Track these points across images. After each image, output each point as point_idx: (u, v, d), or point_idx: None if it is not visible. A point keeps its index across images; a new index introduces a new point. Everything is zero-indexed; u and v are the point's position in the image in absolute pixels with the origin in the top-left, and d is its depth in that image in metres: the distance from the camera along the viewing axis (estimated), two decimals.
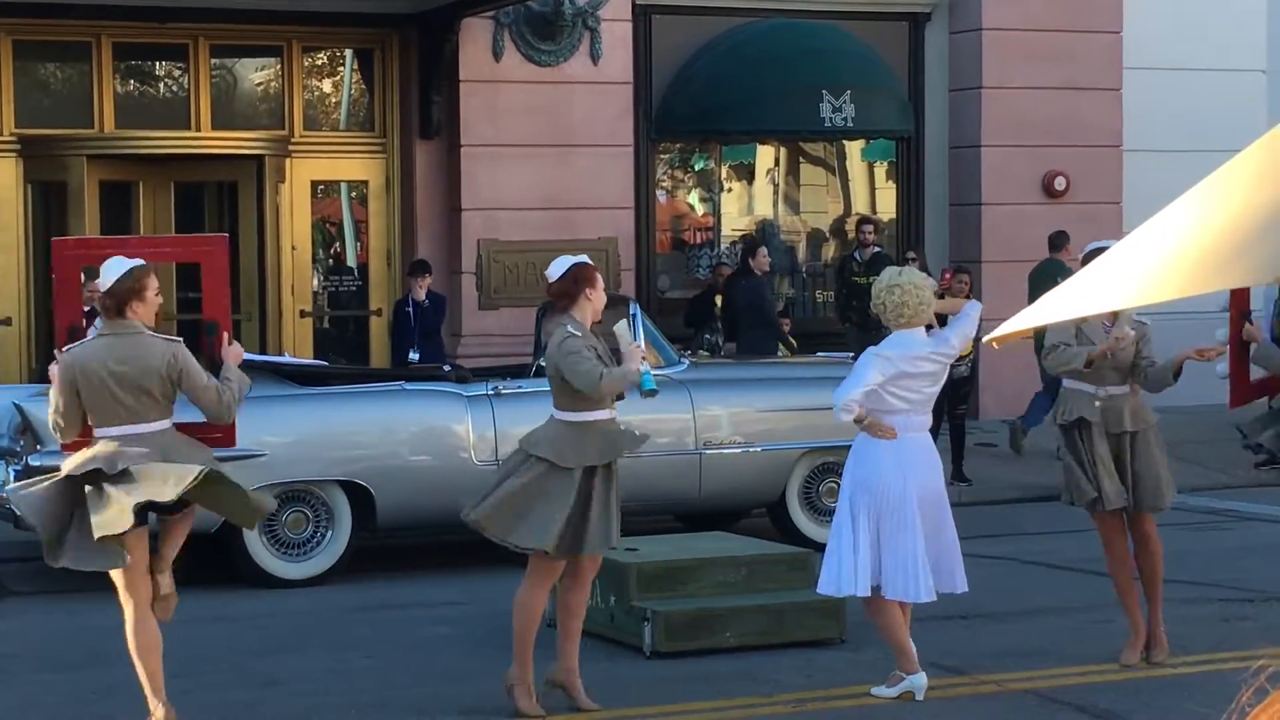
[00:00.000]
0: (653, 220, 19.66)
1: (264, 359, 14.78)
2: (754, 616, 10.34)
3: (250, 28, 17.98)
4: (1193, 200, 3.64)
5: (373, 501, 12.66)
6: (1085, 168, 20.10)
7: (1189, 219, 3.49)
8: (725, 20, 19.47)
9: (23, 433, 12.41)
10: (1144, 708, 8.99)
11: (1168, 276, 3.36)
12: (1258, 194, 3.33)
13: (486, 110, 18.14)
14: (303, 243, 18.40)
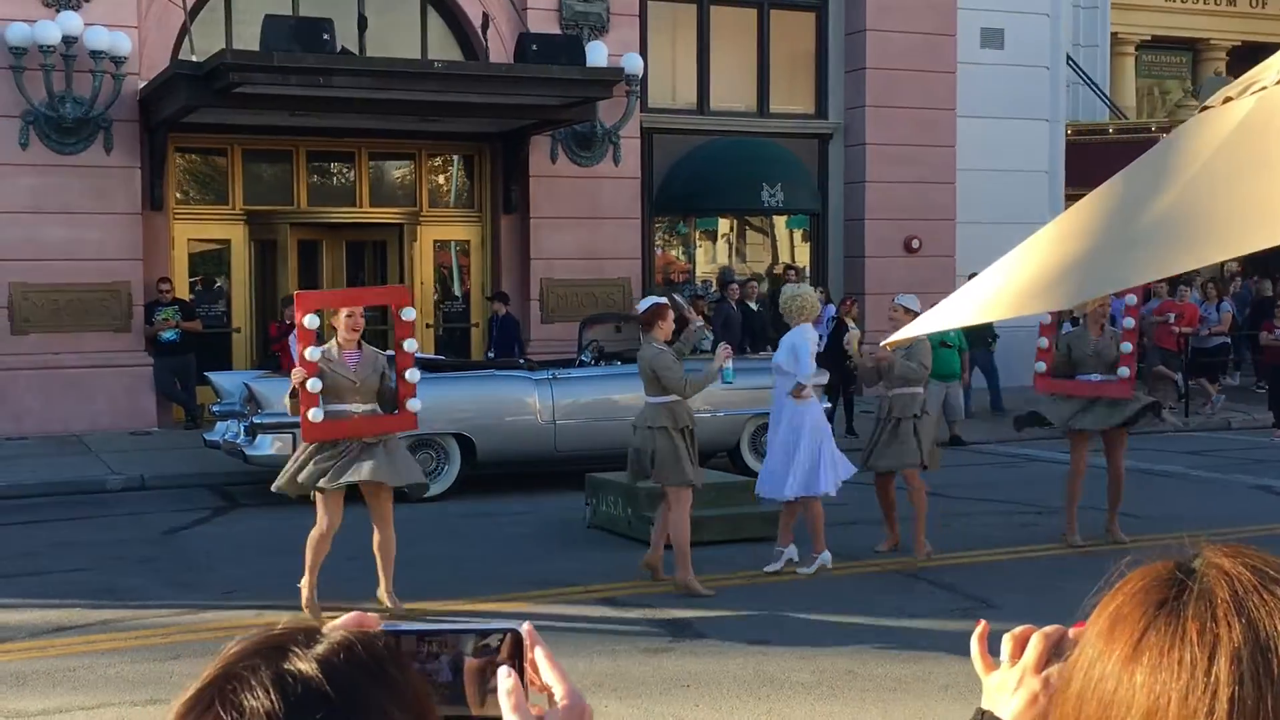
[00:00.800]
0: (652, 266, 19.61)
1: None
2: (720, 523, 10.30)
3: (394, 141, 17.93)
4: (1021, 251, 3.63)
5: (474, 447, 12.62)
6: (931, 234, 20.05)
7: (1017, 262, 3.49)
8: (700, 137, 19.42)
9: (249, 401, 12.39)
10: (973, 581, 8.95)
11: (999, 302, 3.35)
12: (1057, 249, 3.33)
13: (546, 195, 18.09)
14: (428, 281, 18.35)
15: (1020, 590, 8.66)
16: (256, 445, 12.10)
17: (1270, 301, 19.78)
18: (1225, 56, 30.20)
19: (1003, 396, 18.05)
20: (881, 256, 19.87)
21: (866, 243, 19.92)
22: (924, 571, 9.18)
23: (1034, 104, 21.29)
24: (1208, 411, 18.82)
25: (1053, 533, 10.63)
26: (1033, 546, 9.96)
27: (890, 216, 19.88)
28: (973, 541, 10.33)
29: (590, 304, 17.94)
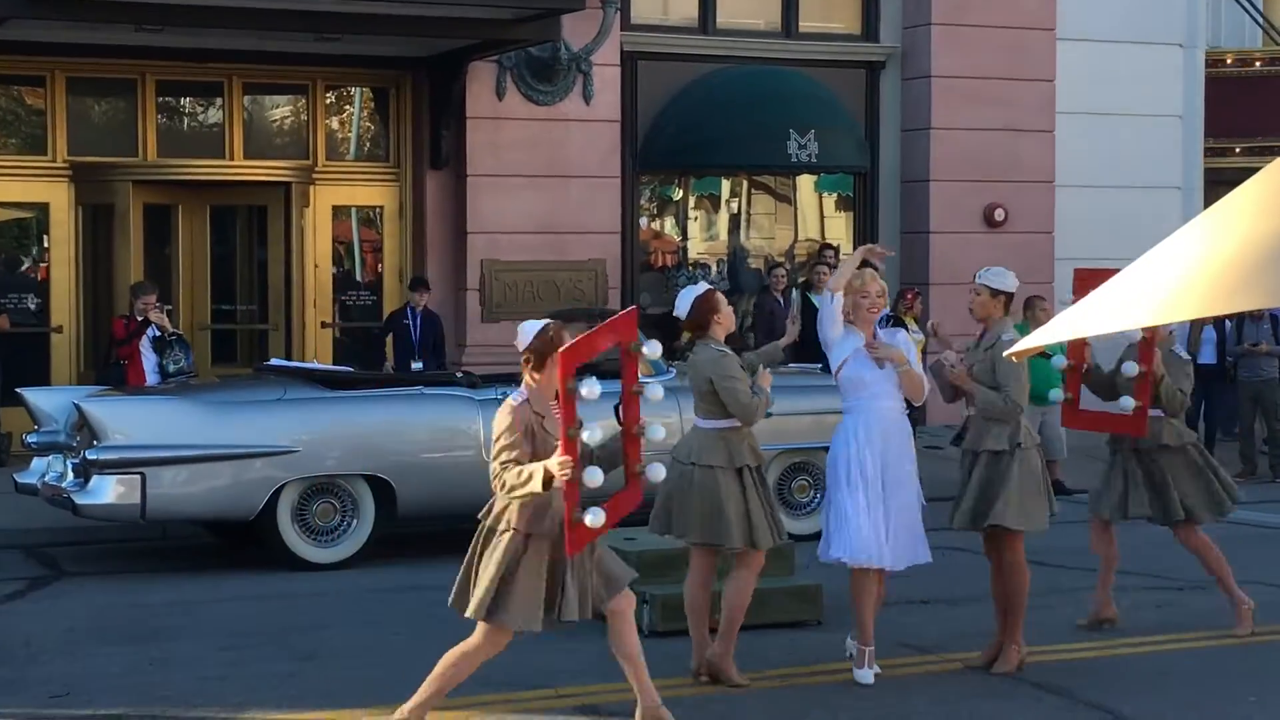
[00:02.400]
0: (636, 244, 19.64)
1: (294, 365, 14.76)
2: None
3: (278, 68, 17.93)
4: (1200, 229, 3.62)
5: (393, 493, 12.61)
6: (1021, 201, 20.14)
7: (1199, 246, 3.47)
8: (703, 65, 19.46)
9: (79, 429, 12.34)
10: (1091, 685, 8.97)
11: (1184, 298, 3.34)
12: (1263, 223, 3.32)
13: (489, 144, 18.10)
14: (324, 261, 18.34)
15: (1156, 694, 8.68)
16: (90, 490, 12.04)
17: None
18: None
19: None
20: (952, 231, 19.93)
21: (932, 213, 19.99)
22: (1026, 671, 9.19)
23: (1163, 24, 21.40)
24: None
25: (1199, 616, 10.66)
26: (1172, 636, 9.99)
27: (965, 177, 19.95)
28: (1088, 629, 10.35)
29: (550, 296, 17.93)
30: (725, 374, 8.75)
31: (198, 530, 13.75)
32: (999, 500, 9.09)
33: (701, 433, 8.84)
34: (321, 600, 11.33)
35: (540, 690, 8.80)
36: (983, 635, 9.55)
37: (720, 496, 8.70)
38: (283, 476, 12.29)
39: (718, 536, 8.75)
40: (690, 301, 8.92)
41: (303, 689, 8.80)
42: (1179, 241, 3.73)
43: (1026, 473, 9.17)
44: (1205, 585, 11.70)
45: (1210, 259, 3.49)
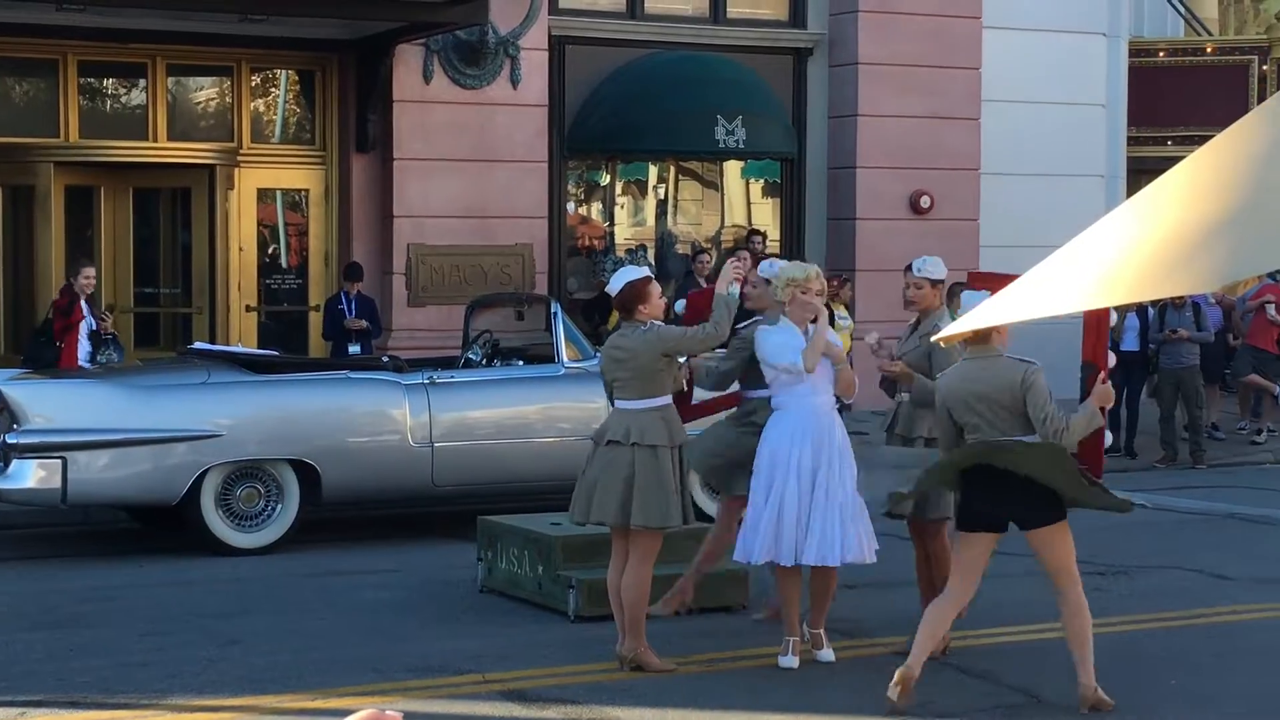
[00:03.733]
0: (563, 229, 19.59)
1: (219, 348, 14.63)
2: (667, 585, 10.27)
3: (203, 49, 17.75)
4: (1127, 215, 3.62)
5: (319, 478, 12.53)
6: (947, 188, 20.20)
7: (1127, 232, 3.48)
8: (631, 51, 19.42)
9: (0, 412, 12.19)
10: (1015, 669, 9.01)
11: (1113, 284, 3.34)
12: (1190, 210, 3.32)
13: (416, 128, 18.00)
14: (249, 244, 18.19)
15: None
16: (10, 475, 11.92)
17: None
18: None
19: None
20: (878, 218, 19.98)
21: (859, 200, 20.02)
22: (952, 655, 9.22)
23: (1087, 13, 21.51)
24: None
25: (1126, 600, 10.74)
26: (1097, 620, 10.02)
27: (891, 164, 20.00)
28: (1012, 614, 10.38)
29: (478, 280, 17.87)
30: (668, 334, 8.77)
31: (120, 515, 13.62)
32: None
33: (635, 414, 8.78)
34: (245, 585, 11.25)
35: (467, 675, 8.77)
36: (911, 620, 9.57)
37: (662, 478, 8.68)
38: (206, 461, 12.19)
39: (663, 519, 8.71)
40: (623, 282, 8.90)
41: (225, 674, 8.73)
42: (1106, 229, 3.74)
43: None
44: (1129, 571, 11.80)
45: (1138, 246, 3.49)
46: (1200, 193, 3.49)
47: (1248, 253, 3.21)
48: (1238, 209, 3.32)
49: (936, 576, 9.30)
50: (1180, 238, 3.31)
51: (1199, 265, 3.23)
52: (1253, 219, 3.24)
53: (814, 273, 9.05)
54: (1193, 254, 3.26)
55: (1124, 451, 17.87)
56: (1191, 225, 3.36)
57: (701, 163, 20.68)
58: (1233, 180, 3.47)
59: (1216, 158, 3.64)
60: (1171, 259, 3.30)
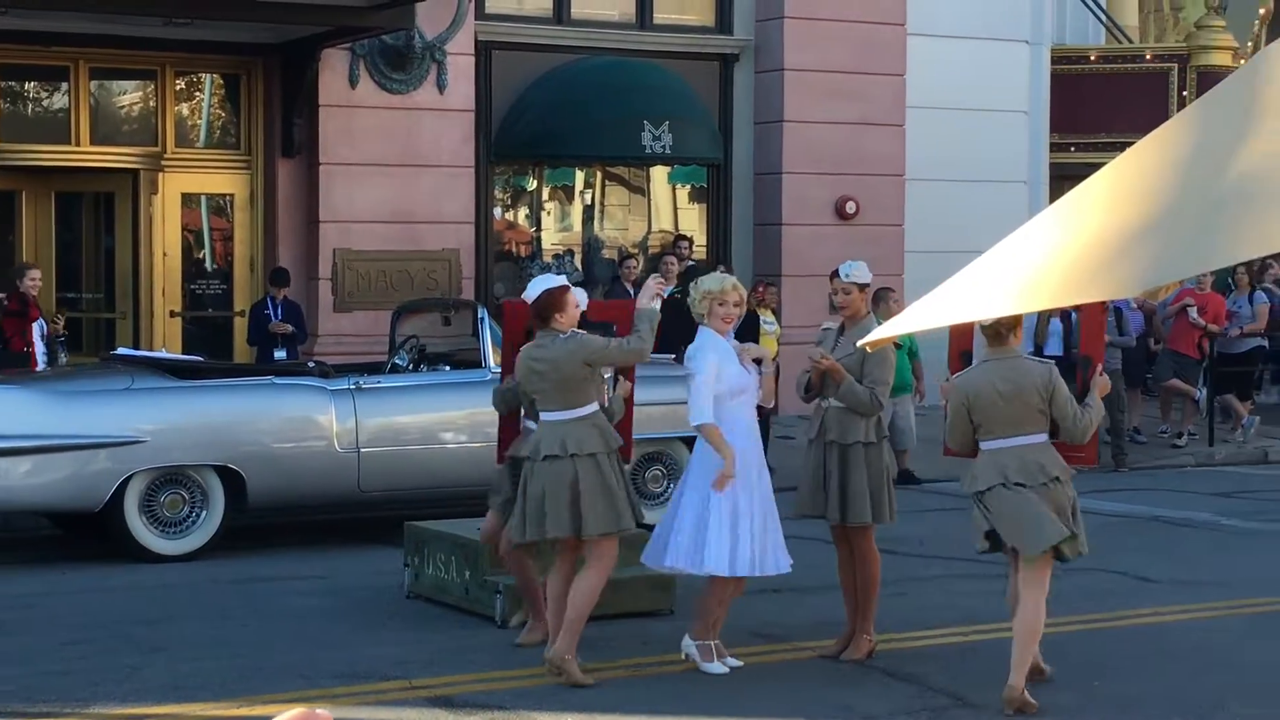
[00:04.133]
0: (490, 234, 19.56)
1: (142, 354, 14.53)
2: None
3: (127, 52, 17.62)
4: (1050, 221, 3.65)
5: (244, 484, 12.45)
6: (872, 194, 20.30)
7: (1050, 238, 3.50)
8: (558, 56, 19.42)
9: None
10: (940, 671, 9.05)
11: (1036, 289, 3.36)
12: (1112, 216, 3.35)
13: (342, 132, 17.94)
14: (173, 249, 18.06)
15: (1003, 680, 8.76)
16: None
17: None
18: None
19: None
20: (804, 224, 20.05)
21: (784, 205, 20.09)
22: (878, 658, 9.25)
23: (1010, 21, 21.68)
24: (1238, 438, 19.35)
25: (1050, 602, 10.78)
26: None
27: (817, 170, 20.07)
28: (938, 616, 10.44)
29: (404, 285, 17.83)
30: (588, 344, 8.74)
31: (42, 522, 13.49)
32: (854, 494, 9.16)
33: (548, 426, 8.78)
34: (169, 592, 11.16)
35: (394, 681, 8.73)
36: (834, 624, 9.61)
37: (609, 484, 8.68)
38: (130, 467, 12.09)
39: (616, 524, 8.71)
40: (540, 290, 8.88)
41: (149, 682, 8.66)
42: (1029, 234, 3.76)
43: (878, 466, 9.25)
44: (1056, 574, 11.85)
45: (1061, 252, 3.52)
46: (1122, 199, 3.52)
47: (1169, 259, 3.24)
48: (1159, 216, 3.35)
49: (860, 579, 9.34)
50: (1103, 244, 3.34)
51: (1121, 271, 3.26)
52: (1173, 226, 3.27)
53: (730, 284, 9.04)
54: (1115, 260, 3.29)
55: None
56: (1114, 231, 3.39)
57: (628, 168, 20.70)
58: (1154, 187, 3.50)
59: (1138, 164, 3.67)
60: (1094, 265, 3.33)
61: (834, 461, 9.23)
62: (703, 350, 8.94)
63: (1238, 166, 3.23)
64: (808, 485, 9.39)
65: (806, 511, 9.43)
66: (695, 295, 9.07)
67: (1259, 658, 9.51)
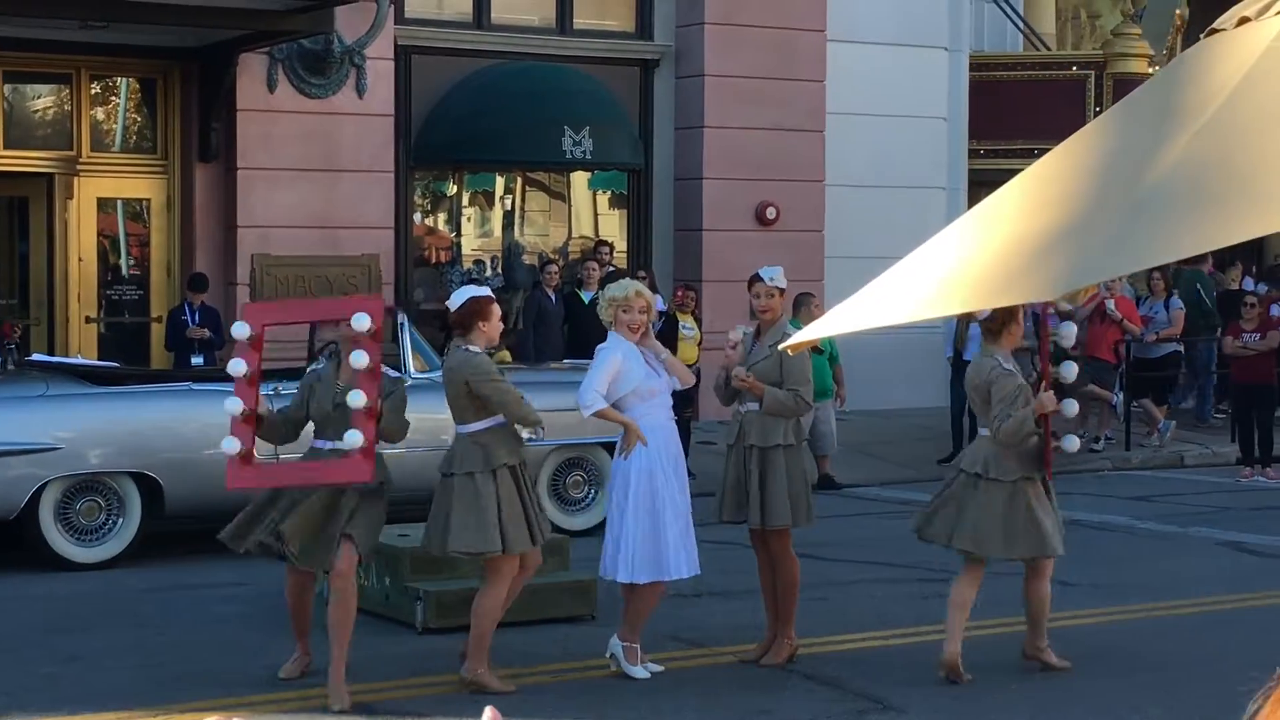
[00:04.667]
0: (410, 239, 19.49)
1: (58, 360, 14.38)
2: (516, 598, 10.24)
3: (41, 56, 17.44)
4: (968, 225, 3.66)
5: (161, 491, 12.34)
6: (792, 199, 20.35)
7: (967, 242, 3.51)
8: (477, 61, 19.37)
9: None
10: (862, 675, 9.09)
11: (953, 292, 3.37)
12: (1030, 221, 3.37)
13: (261, 137, 17.82)
14: (89, 255, 17.89)
15: (926, 684, 8.82)
16: None
17: (1236, 296, 20.62)
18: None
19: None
20: (725, 229, 20.09)
21: (705, 210, 20.11)
22: (800, 662, 9.28)
23: (928, 27, 21.81)
24: (1154, 443, 19.54)
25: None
26: (942, 626, 10.14)
27: (737, 175, 20.11)
28: (859, 620, 10.49)
29: (323, 290, 17.70)
30: (482, 374, 8.66)
31: None
32: (772, 497, 9.18)
33: (459, 439, 8.78)
34: (86, 600, 11.05)
35: (314, 689, 8.68)
36: (755, 628, 9.63)
37: (479, 504, 8.62)
38: (44, 474, 11.97)
39: (481, 544, 8.65)
40: (463, 300, 8.84)
41: (65, 692, 8.58)
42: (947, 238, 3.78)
43: (798, 469, 9.29)
44: None
45: (978, 255, 3.54)
46: (1039, 204, 3.55)
47: (1088, 262, 3.26)
48: (1077, 219, 3.37)
49: (779, 583, 9.36)
50: (1020, 247, 3.36)
51: (1039, 274, 3.28)
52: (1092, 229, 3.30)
53: (634, 290, 9.05)
54: (1032, 263, 3.31)
55: None
56: (1031, 235, 3.41)
57: (548, 174, 20.68)
58: (1071, 191, 3.53)
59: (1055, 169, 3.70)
60: (1012, 267, 3.35)
61: (754, 465, 9.25)
62: (607, 349, 8.98)
63: (1156, 170, 3.25)
64: (729, 491, 9.41)
65: (728, 517, 9.45)
66: (602, 303, 9.11)
67: (1176, 659, 9.60)
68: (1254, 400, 18.12)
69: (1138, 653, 9.76)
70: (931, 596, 11.28)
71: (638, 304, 8.97)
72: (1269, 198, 3.10)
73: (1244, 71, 3.41)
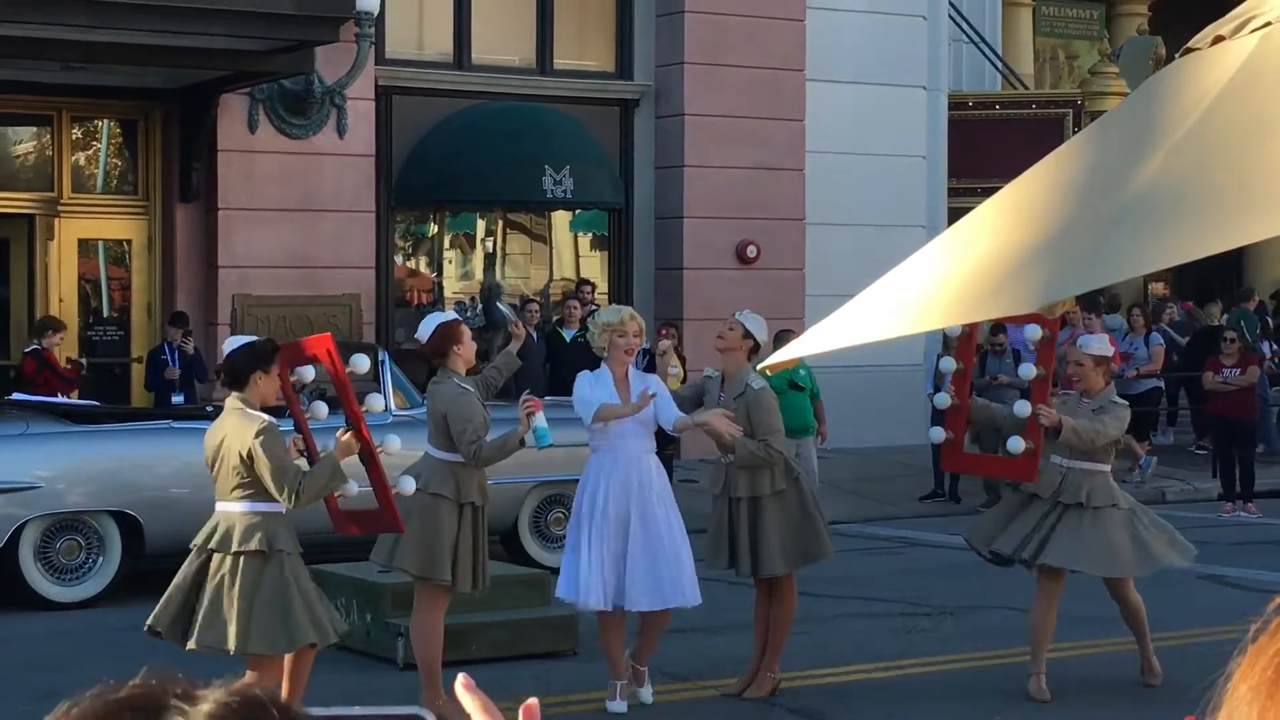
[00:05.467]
0: (391, 279, 19.48)
1: (38, 399, 14.31)
2: (496, 631, 10.23)
3: (22, 97, 17.44)
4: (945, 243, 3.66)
5: (141, 530, 12.28)
6: (773, 238, 20.38)
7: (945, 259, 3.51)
8: (458, 101, 19.40)
9: None
10: (845, 709, 9.05)
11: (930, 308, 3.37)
12: (1007, 237, 3.37)
13: (242, 177, 17.82)
14: (70, 295, 17.86)
15: (908, 716, 8.79)
16: None
17: (1215, 332, 20.66)
18: (1148, 11, 31.63)
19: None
20: (706, 268, 20.10)
21: (686, 250, 20.12)
22: (782, 695, 9.24)
23: (907, 67, 21.86)
24: (1135, 479, 19.52)
25: (949, 639, 10.84)
26: (925, 660, 10.14)
27: (718, 214, 20.13)
28: (841, 654, 10.45)
29: (304, 330, 17.62)
30: (461, 414, 8.61)
31: None
32: (765, 547, 9.15)
33: (432, 461, 8.75)
34: (66, 639, 10.98)
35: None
36: (739, 662, 9.60)
37: (439, 528, 8.59)
38: (24, 514, 11.91)
39: (431, 569, 8.62)
40: (432, 327, 8.84)
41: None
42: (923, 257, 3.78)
43: (789, 512, 9.23)
44: (954, 612, 11.94)
45: (954, 272, 3.54)
46: (1017, 219, 3.55)
47: (1066, 274, 3.26)
48: (1055, 234, 3.37)
49: (773, 616, 9.33)
50: (998, 262, 3.36)
51: (1016, 288, 3.27)
52: (1070, 242, 3.29)
53: (628, 314, 9.05)
54: (1010, 277, 3.31)
55: (948, 496, 18.08)
56: (1009, 250, 3.40)
57: (530, 216, 20.69)
58: (1049, 206, 3.53)
59: (1033, 185, 3.71)
60: (990, 282, 3.35)
61: (743, 516, 9.19)
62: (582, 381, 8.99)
63: (1133, 184, 3.25)
64: (711, 540, 9.39)
65: (712, 565, 9.43)
66: (594, 329, 9.09)
67: (1159, 690, 9.59)
68: (1234, 435, 18.15)
69: (1120, 684, 9.74)
70: (914, 631, 11.28)
71: (631, 327, 8.96)
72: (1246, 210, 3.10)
73: (1219, 88, 3.42)
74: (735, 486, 9.24)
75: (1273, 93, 3.28)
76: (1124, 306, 22.63)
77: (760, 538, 9.17)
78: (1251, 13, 3.49)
